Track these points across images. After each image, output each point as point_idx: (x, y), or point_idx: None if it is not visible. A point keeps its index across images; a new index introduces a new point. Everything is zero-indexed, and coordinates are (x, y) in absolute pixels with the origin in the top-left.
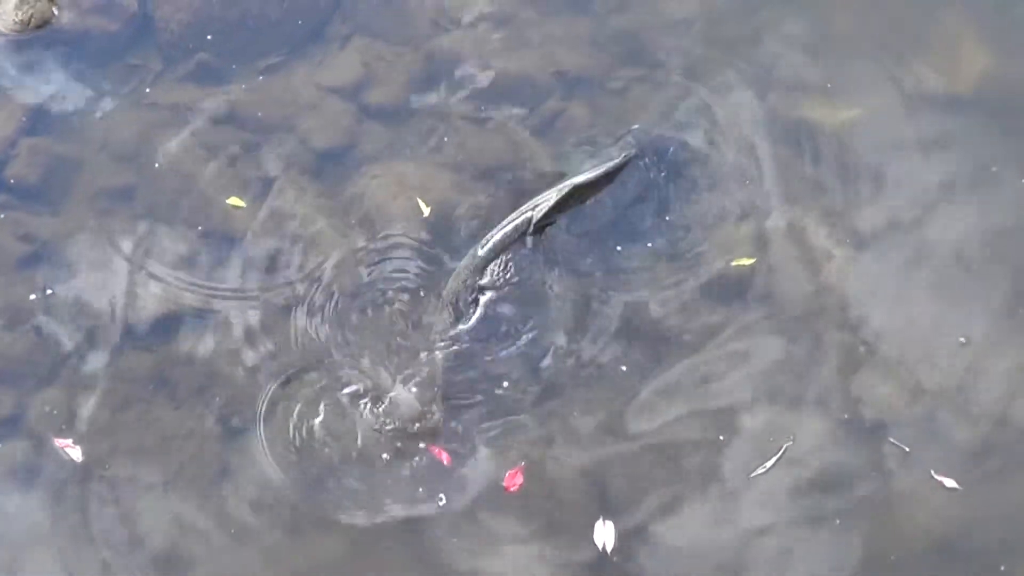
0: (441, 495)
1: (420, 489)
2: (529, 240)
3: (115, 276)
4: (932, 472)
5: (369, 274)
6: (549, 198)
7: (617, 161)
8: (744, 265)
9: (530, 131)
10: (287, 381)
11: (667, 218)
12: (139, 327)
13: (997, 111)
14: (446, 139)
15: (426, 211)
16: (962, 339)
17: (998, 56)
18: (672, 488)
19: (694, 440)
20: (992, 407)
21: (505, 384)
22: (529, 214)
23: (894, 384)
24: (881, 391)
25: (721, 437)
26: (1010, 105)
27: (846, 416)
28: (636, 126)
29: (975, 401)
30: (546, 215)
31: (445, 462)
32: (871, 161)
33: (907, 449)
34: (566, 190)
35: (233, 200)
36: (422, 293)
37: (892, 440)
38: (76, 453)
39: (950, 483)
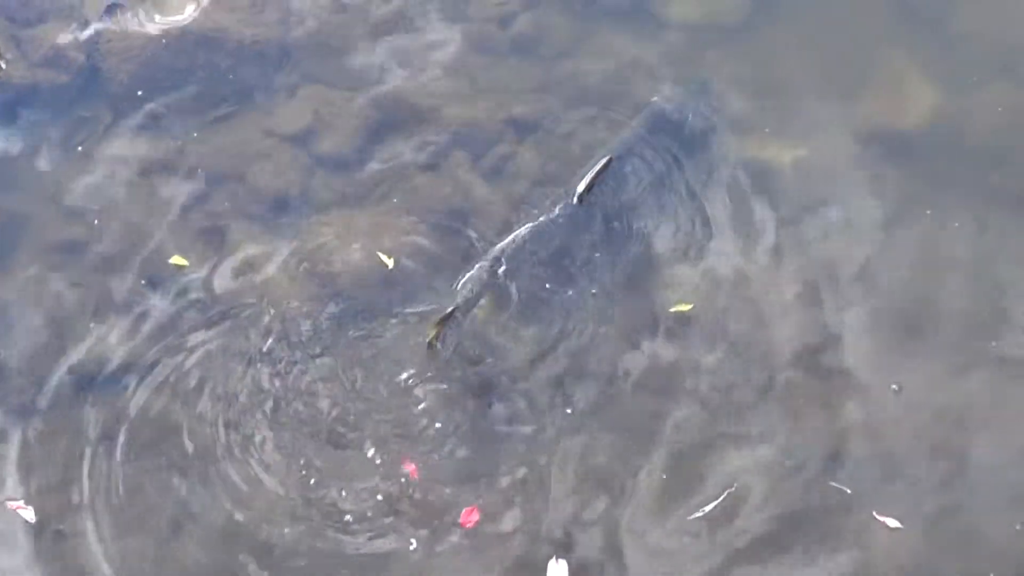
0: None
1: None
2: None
3: (63, 328)
4: (875, 513)
5: (322, 328)
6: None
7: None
8: (683, 311)
9: (480, 176)
10: (247, 433)
11: (607, 259)
12: (92, 379)
13: (943, 147)
14: (397, 185)
15: (390, 263)
16: (894, 386)
17: (943, 92)
18: (617, 528)
19: (638, 479)
20: (930, 448)
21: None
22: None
23: (835, 426)
24: (822, 432)
25: (664, 476)
26: (955, 141)
27: (788, 460)
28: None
29: (914, 442)
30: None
31: (413, 476)
32: (819, 200)
33: (848, 491)
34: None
35: (176, 259)
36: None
37: (834, 483)
38: (29, 514)
39: (893, 523)
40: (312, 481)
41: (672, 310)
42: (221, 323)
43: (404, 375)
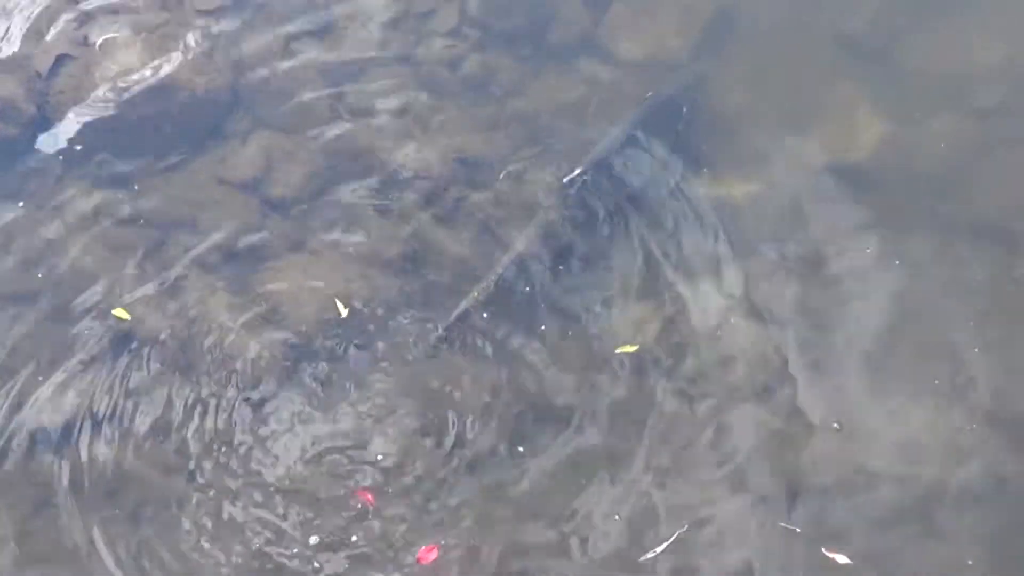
0: None
1: None
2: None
3: (21, 382)
4: (823, 550)
5: (278, 374)
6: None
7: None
8: (628, 351)
9: (433, 217)
10: (204, 485)
11: (555, 298)
12: (45, 433)
13: (893, 178)
14: (350, 229)
15: (344, 311)
16: (835, 425)
17: (892, 124)
18: (568, 570)
19: (591, 519)
20: (876, 483)
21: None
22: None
23: (784, 464)
24: (770, 471)
25: (616, 517)
26: (905, 172)
27: (740, 498)
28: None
29: (861, 480)
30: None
31: (370, 503)
32: (771, 234)
33: (798, 530)
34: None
35: (119, 312)
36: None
37: (783, 524)
38: None
39: (842, 559)
40: (270, 533)
41: (618, 351)
42: (173, 372)
43: (361, 419)
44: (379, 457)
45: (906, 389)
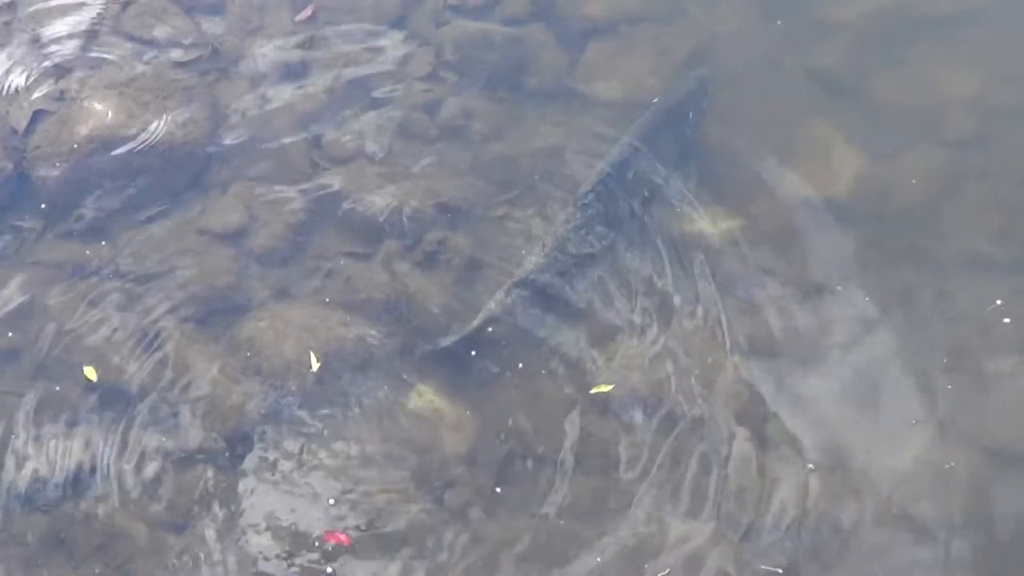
0: None
1: None
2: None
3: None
4: None
5: (256, 428)
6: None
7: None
8: (604, 391)
9: (414, 263)
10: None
11: (531, 336)
12: (31, 488)
13: (871, 212)
14: (331, 278)
15: (315, 365)
16: (810, 465)
17: (868, 158)
18: None
19: (571, 559)
20: (860, 523)
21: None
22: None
23: (761, 507)
24: (750, 510)
25: (599, 559)
26: (883, 205)
27: (720, 540)
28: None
29: (844, 518)
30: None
31: (346, 542)
32: (752, 270)
33: (780, 571)
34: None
35: (88, 371)
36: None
37: (765, 567)
38: None
39: None
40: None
41: (593, 391)
42: (153, 425)
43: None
44: (358, 503)
45: (887, 425)
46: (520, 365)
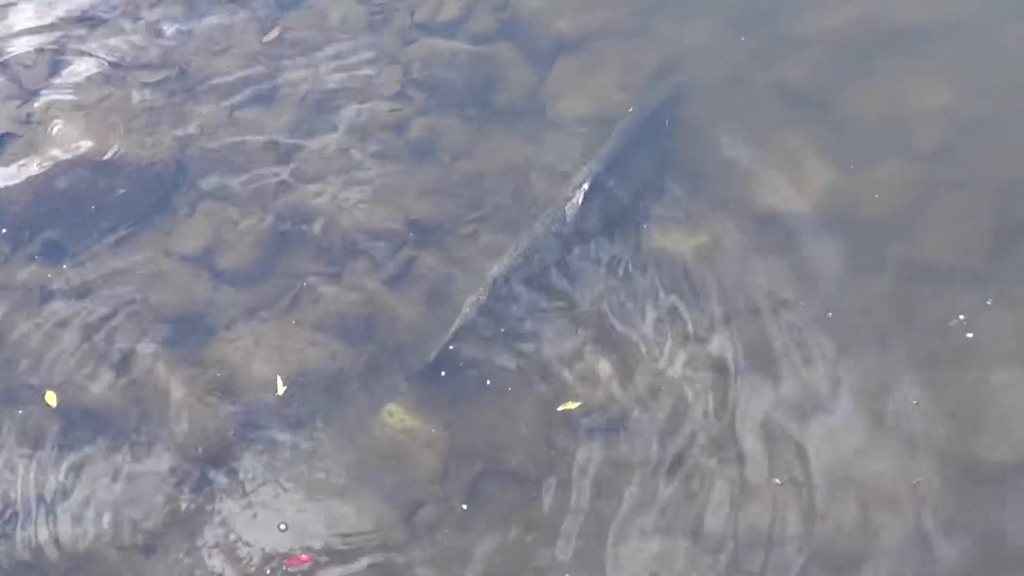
0: None
1: None
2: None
3: None
4: None
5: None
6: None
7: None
8: (571, 408)
9: (383, 282)
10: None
11: (500, 355)
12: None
13: (841, 224)
14: (301, 297)
15: (281, 390)
16: (777, 480)
17: (837, 171)
18: None
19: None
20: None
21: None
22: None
23: (731, 522)
24: (721, 527)
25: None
26: (852, 217)
27: (693, 558)
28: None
29: (815, 530)
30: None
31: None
32: (724, 285)
33: None
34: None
35: (48, 397)
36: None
37: None
38: None
39: None
40: None
41: (560, 409)
42: (121, 447)
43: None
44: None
45: (856, 437)
46: (488, 382)
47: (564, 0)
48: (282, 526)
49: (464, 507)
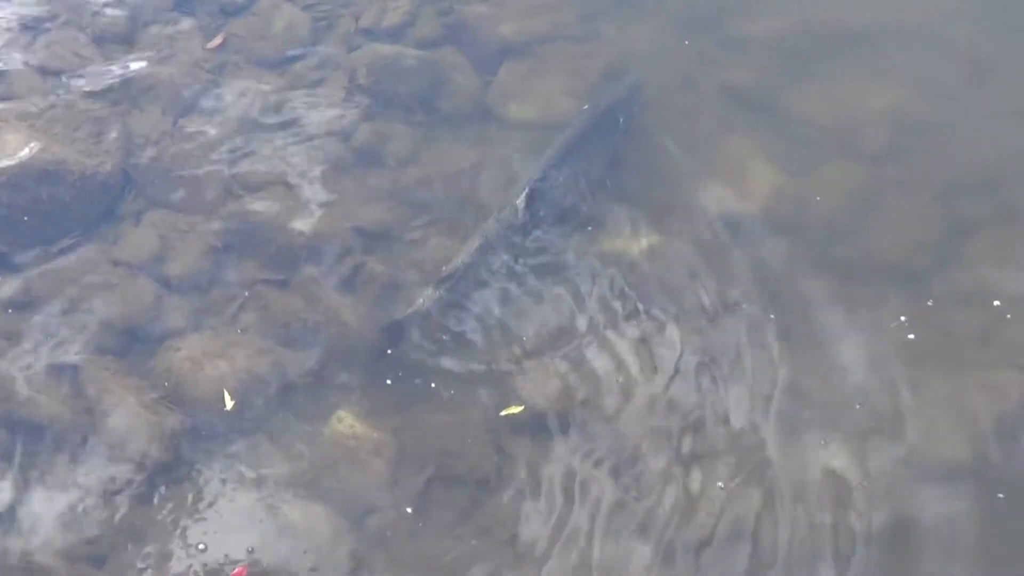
0: None
1: None
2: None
3: None
4: None
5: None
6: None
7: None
8: (514, 413)
9: (331, 288)
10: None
11: (448, 358)
12: None
13: (788, 226)
14: (248, 305)
15: (229, 404)
16: (720, 485)
17: (784, 173)
18: None
19: None
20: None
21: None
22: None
23: (682, 521)
24: (672, 526)
25: None
26: (800, 219)
27: (643, 557)
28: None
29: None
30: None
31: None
32: (672, 287)
33: None
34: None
35: None
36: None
37: None
38: None
39: None
40: None
41: (504, 413)
42: (70, 458)
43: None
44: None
45: (810, 435)
46: (433, 385)
47: (509, 5)
48: (228, 535)
49: (413, 513)
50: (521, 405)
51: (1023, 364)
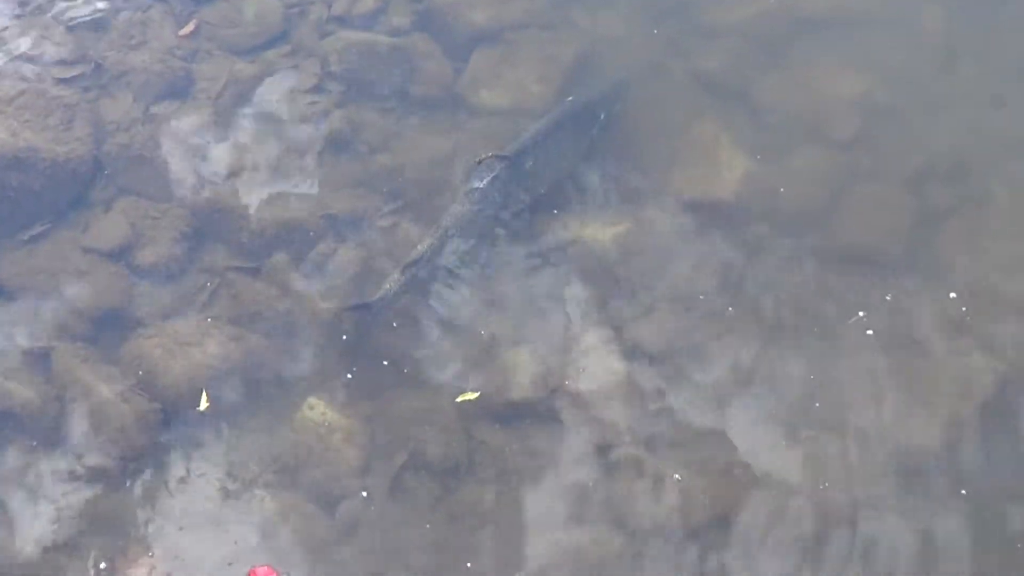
0: None
1: None
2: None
3: None
4: None
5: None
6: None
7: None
8: (470, 399)
9: (303, 275)
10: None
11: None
12: None
13: (759, 212)
14: (220, 292)
15: (204, 405)
16: (676, 476)
17: (755, 160)
18: None
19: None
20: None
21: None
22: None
23: (648, 513)
24: (637, 517)
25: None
26: (770, 205)
27: (605, 544)
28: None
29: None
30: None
31: None
32: (643, 275)
33: None
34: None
35: None
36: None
37: None
38: None
39: None
40: None
41: (459, 399)
42: (42, 447)
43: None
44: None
45: (779, 427)
46: (405, 371)
47: None
48: (200, 523)
49: (386, 500)
50: (477, 392)
51: (991, 350)
